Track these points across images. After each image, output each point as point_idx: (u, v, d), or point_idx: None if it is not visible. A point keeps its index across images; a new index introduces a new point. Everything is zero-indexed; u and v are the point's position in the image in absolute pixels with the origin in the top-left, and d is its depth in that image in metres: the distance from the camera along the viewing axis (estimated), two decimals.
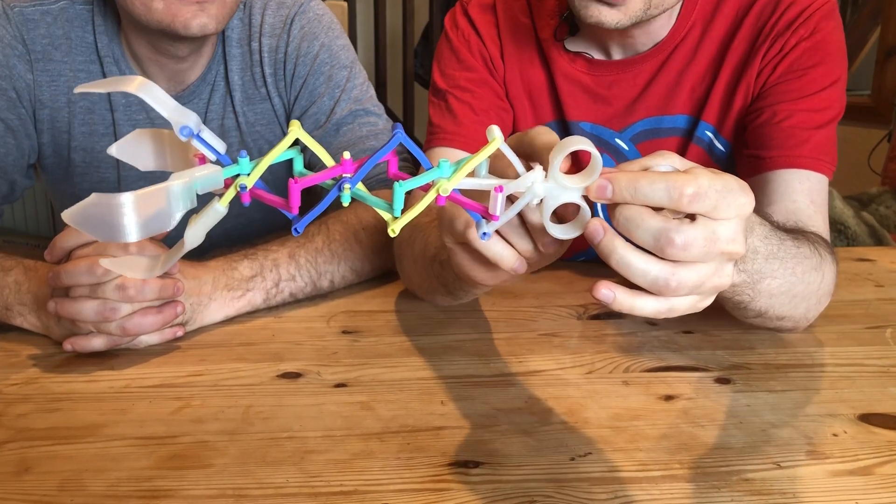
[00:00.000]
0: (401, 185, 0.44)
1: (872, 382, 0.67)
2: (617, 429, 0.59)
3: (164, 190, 0.39)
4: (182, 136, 0.40)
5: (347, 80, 1.02)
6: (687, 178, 0.43)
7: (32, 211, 2.44)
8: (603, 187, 0.44)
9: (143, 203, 0.38)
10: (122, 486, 0.51)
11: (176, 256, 0.45)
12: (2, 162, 0.94)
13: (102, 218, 0.38)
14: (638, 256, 0.44)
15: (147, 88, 0.40)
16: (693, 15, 0.86)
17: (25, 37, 0.95)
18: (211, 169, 0.41)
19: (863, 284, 0.92)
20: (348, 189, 0.43)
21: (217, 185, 0.42)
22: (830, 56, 0.82)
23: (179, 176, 0.40)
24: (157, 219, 0.39)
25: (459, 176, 0.44)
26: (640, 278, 0.44)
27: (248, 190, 0.42)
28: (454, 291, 0.69)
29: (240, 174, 0.42)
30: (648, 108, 0.90)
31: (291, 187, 0.42)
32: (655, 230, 0.43)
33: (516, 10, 0.93)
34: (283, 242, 0.85)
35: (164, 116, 0.40)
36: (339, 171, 0.43)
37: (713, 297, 0.49)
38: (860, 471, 0.53)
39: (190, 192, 0.41)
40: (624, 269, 0.44)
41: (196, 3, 0.85)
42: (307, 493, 0.51)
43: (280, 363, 0.70)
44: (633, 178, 0.44)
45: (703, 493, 0.51)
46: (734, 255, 0.45)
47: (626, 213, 0.44)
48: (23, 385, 0.66)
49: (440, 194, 0.44)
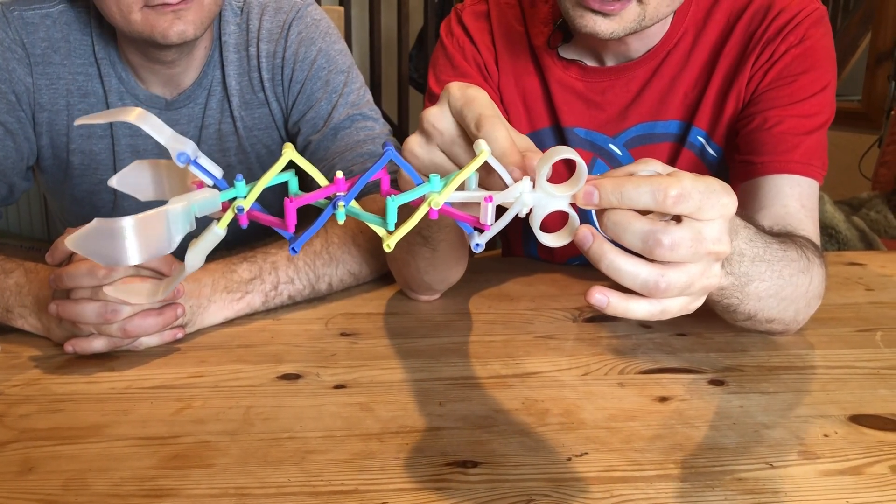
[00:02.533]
0: (393, 199, 0.45)
1: (863, 384, 0.68)
2: (612, 429, 0.60)
3: (164, 213, 0.40)
4: (179, 162, 0.41)
5: (345, 84, 1.03)
6: (671, 181, 0.44)
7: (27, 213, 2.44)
8: (590, 193, 0.45)
9: (143, 227, 0.39)
10: (125, 486, 0.52)
11: (177, 280, 0.46)
12: (1, 165, 0.94)
13: (104, 242, 0.39)
14: (627, 260, 0.45)
15: (145, 119, 0.41)
16: (685, 21, 0.88)
17: (25, 40, 0.96)
18: (209, 193, 0.42)
19: (853, 288, 0.93)
20: (342, 207, 0.44)
21: (215, 209, 0.43)
22: (820, 62, 0.84)
23: (178, 200, 0.41)
24: (157, 242, 0.40)
25: (450, 189, 0.45)
26: (630, 281, 0.45)
27: (246, 212, 0.43)
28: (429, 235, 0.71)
29: (237, 197, 0.43)
30: (641, 113, 0.91)
31: (287, 206, 0.43)
32: (643, 232, 0.44)
33: (510, 18, 0.94)
34: (281, 245, 0.85)
35: (162, 144, 0.41)
36: (332, 190, 0.45)
37: (703, 299, 0.50)
38: (850, 470, 0.54)
39: (188, 215, 0.42)
40: (614, 273, 0.45)
41: (172, 12, 0.86)
42: (308, 493, 0.51)
43: (279, 365, 0.71)
44: (619, 183, 0.45)
45: (697, 492, 0.52)
46: (720, 254, 0.46)
47: (614, 218, 0.45)
48: (25, 386, 0.67)
49: (432, 208, 0.45)
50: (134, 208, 1.09)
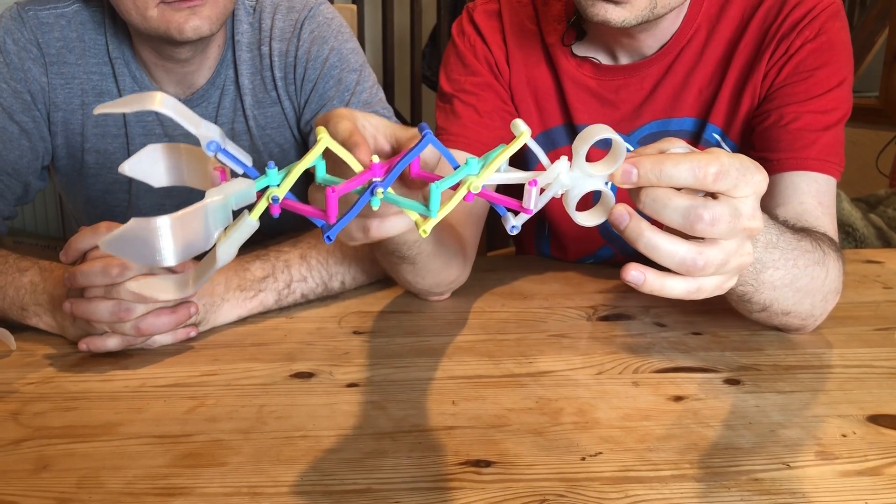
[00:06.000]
0: (437, 185, 0.44)
1: (881, 384, 0.67)
2: (627, 429, 0.59)
3: (202, 209, 0.38)
4: (209, 151, 0.39)
5: (357, 83, 1.02)
6: (710, 158, 0.44)
7: (43, 212, 2.46)
8: (628, 172, 0.45)
9: (180, 225, 0.37)
10: (138, 484, 0.52)
11: (208, 273, 0.43)
12: (17, 164, 0.95)
13: (140, 243, 0.37)
14: (665, 238, 0.45)
15: (168, 104, 0.38)
16: (699, 17, 0.87)
17: (40, 40, 0.96)
18: (244, 184, 0.40)
19: (871, 286, 0.92)
20: (381, 193, 0.43)
21: (251, 200, 0.41)
22: (836, 57, 0.83)
23: (214, 193, 0.39)
24: (195, 239, 0.38)
25: (488, 172, 0.44)
26: (668, 259, 0.45)
27: (280, 201, 0.41)
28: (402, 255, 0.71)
29: (269, 185, 0.41)
30: (656, 111, 0.90)
31: (329, 196, 0.42)
32: (684, 208, 0.44)
33: (522, 16, 0.94)
34: (294, 244, 0.85)
35: (190, 131, 0.39)
36: (369, 176, 0.43)
37: (736, 278, 0.50)
38: (869, 471, 0.54)
39: (226, 209, 0.40)
40: (652, 251, 0.45)
41: (188, 8, 0.86)
42: (321, 492, 0.51)
43: (292, 363, 0.71)
44: (659, 161, 0.45)
45: (713, 492, 0.51)
46: (754, 231, 0.47)
47: (653, 195, 0.45)
48: (39, 384, 0.67)
49: (471, 191, 0.44)
50: (149, 207, 1.09)
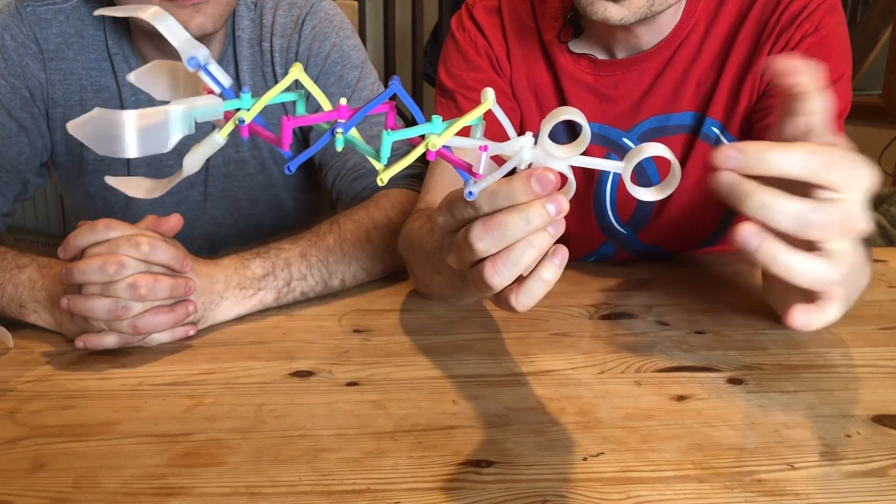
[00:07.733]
0: (389, 134, 0.44)
1: (886, 384, 0.66)
2: (629, 429, 0.59)
3: (164, 112, 0.41)
4: (189, 66, 0.41)
5: (358, 79, 1.02)
6: (821, 147, 0.41)
7: (43, 209, 2.46)
8: (729, 157, 0.41)
9: (143, 121, 0.40)
10: (136, 484, 0.52)
11: (174, 181, 0.45)
12: (15, 160, 0.95)
13: (103, 131, 0.39)
14: (800, 258, 0.42)
15: (160, 18, 0.41)
16: (697, 11, 0.86)
17: (38, 35, 0.96)
18: (211, 99, 0.42)
19: (875, 285, 0.92)
20: (340, 134, 0.44)
21: (216, 116, 0.43)
22: (835, 52, 0.82)
23: (180, 102, 0.41)
24: (156, 140, 0.40)
25: (449, 133, 0.44)
26: (806, 280, 0.42)
27: (247, 124, 0.42)
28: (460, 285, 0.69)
29: (240, 108, 0.43)
30: (654, 106, 0.90)
31: (284, 124, 0.43)
32: (795, 212, 0.41)
33: (521, 13, 0.93)
34: (294, 241, 0.85)
35: (175, 46, 0.41)
36: (333, 116, 0.44)
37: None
38: (874, 472, 0.53)
39: (189, 118, 0.42)
40: (785, 272, 0.42)
41: (192, 6, 0.86)
42: (320, 492, 0.51)
43: (292, 362, 0.70)
44: (764, 147, 0.41)
45: (716, 493, 0.51)
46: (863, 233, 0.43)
47: (761, 200, 0.41)
48: (37, 382, 0.67)
49: (429, 149, 0.44)
50: (148, 203, 1.08)
